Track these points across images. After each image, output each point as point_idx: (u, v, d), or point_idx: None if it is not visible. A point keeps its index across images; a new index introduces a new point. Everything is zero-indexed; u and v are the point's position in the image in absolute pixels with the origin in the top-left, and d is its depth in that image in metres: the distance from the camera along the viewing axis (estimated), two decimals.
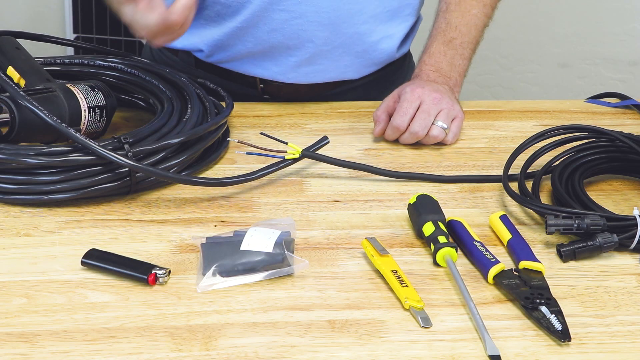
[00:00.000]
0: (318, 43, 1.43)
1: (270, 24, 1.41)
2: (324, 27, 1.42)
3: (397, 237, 1.14)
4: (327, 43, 1.43)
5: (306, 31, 1.41)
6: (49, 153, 1.14)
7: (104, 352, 0.92)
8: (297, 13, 1.40)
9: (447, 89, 1.42)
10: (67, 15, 2.84)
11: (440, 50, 1.47)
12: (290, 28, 1.41)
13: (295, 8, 1.40)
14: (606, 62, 2.93)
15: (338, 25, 1.42)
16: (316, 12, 1.41)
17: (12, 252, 1.08)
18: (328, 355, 0.93)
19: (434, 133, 1.35)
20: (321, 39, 1.43)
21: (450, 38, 1.48)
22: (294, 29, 1.41)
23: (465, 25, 1.49)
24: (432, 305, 1.00)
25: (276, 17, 1.40)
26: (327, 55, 1.45)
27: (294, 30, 1.41)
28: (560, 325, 0.96)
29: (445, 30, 1.49)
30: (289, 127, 1.41)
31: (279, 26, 1.41)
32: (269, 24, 1.41)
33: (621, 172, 1.29)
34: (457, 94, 1.46)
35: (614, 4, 2.86)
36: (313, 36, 1.42)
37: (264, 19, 1.40)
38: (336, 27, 1.42)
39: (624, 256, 1.11)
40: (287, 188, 1.24)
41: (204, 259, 1.05)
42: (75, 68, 1.40)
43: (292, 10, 1.40)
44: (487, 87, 2.97)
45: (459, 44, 1.48)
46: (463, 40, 1.48)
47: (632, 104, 1.52)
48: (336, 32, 1.43)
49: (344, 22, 1.43)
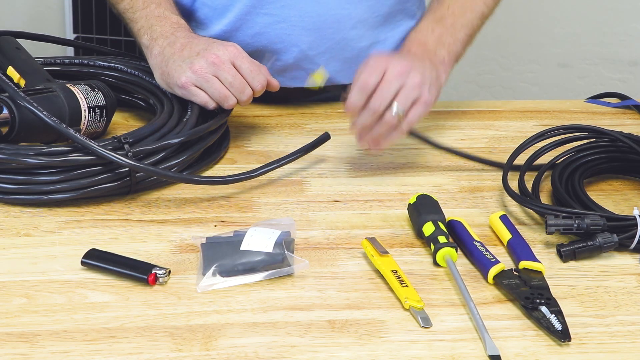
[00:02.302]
0: (303, 47, 1.42)
1: (253, 28, 1.41)
2: (309, 31, 1.41)
3: (397, 237, 1.14)
4: (313, 48, 1.43)
5: (290, 35, 1.41)
6: (49, 153, 1.14)
7: (104, 352, 0.92)
8: (280, 17, 1.40)
9: (428, 64, 1.27)
10: (67, 15, 2.84)
11: (428, 27, 1.36)
12: (274, 32, 1.41)
13: (279, 12, 1.40)
14: (606, 62, 2.93)
15: (323, 30, 1.42)
16: (300, 17, 1.40)
17: (12, 252, 1.08)
18: (328, 355, 0.93)
19: (385, 117, 1.20)
20: (306, 44, 1.42)
21: (440, 16, 1.37)
22: (278, 33, 1.41)
23: (460, 7, 1.39)
24: (432, 305, 1.00)
25: (259, 21, 1.41)
26: (314, 59, 1.44)
27: (277, 35, 1.41)
28: (560, 325, 0.96)
29: (437, 9, 1.40)
30: (289, 127, 1.41)
31: (262, 30, 1.41)
32: (252, 28, 1.41)
33: (621, 172, 1.29)
34: (445, 74, 1.31)
35: (614, 4, 2.86)
36: (298, 41, 1.42)
37: (248, 22, 1.41)
38: (321, 32, 1.42)
39: (624, 256, 1.11)
40: (287, 188, 1.24)
41: (204, 259, 1.05)
42: (75, 68, 1.40)
43: (275, 14, 1.40)
44: (487, 87, 2.97)
45: (450, 24, 1.37)
46: (455, 21, 1.38)
47: (632, 104, 1.52)
48: (321, 37, 1.42)
49: (330, 28, 1.42)
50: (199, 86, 1.26)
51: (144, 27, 1.32)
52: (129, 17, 1.35)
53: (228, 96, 1.26)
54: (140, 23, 1.33)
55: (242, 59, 1.26)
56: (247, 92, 1.26)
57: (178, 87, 1.26)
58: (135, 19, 1.34)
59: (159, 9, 1.34)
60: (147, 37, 1.31)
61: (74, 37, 2.85)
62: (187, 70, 1.25)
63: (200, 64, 1.25)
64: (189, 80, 1.25)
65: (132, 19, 1.34)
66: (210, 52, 1.25)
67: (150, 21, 1.32)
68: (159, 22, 1.32)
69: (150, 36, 1.31)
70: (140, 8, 1.34)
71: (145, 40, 1.31)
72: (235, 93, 1.26)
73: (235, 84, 1.25)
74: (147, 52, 1.31)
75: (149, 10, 1.33)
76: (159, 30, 1.31)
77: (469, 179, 1.28)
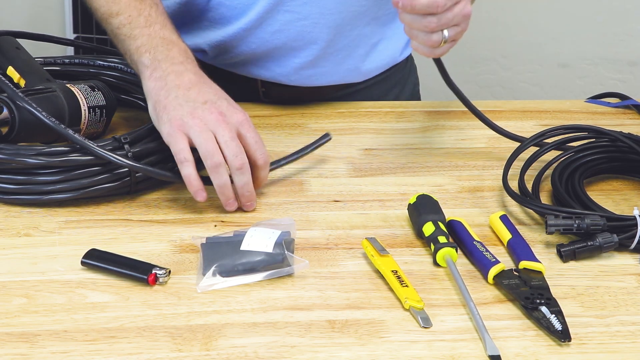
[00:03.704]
0: (322, 45, 1.42)
1: (274, 25, 1.40)
2: (329, 29, 1.41)
3: (397, 237, 1.14)
4: (331, 45, 1.43)
5: (310, 33, 1.41)
6: (49, 153, 1.14)
7: (104, 352, 0.92)
8: (301, 14, 1.40)
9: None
10: (67, 15, 2.84)
11: None
12: (295, 29, 1.41)
13: (300, 9, 1.39)
14: (606, 62, 2.93)
15: (342, 27, 1.42)
16: (321, 14, 1.40)
17: (12, 252, 1.08)
18: (328, 355, 0.93)
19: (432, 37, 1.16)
20: (325, 41, 1.42)
21: None
22: (298, 30, 1.41)
23: None
24: (432, 305, 1.00)
25: (280, 18, 1.40)
26: (330, 57, 1.44)
27: (297, 32, 1.41)
28: (560, 325, 0.96)
29: None
30: (289, 127, 1.41)
31: (282, 27, 1.40)
32: (272, 25, 1.40)
33: (621, 172, 1.29)
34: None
35: (614, 4, 2.86)
36: (317, 38, 1.42)
37: (268, 20, 1.40)
38: (340, 29, 1.42)
39: (624, 256, 1.11)
40: (287, 188, 1.24)
41: (204, 259, 1.05)
42: (75, 68, 1.40)
43: (296, 12, 1.40)
44: (487, 87, 2.97)
45: None
46: None
47: (632, 104, 1.52)
48: (339, 34, 1.43)
49: (348, 24, 1.42)
50: (189, 135, 1.13)
51: (145, 45, 1.22)
52: (125, 34, 1.24)
53: (216, 152, 1.12)
54: (141, 40, 1.22)
55: (248, 129, 1.16)
56: (242, 158, 1.13)
57: (167, 124, 1.14)
58: (135, 35, 1.23)
59: (164, 31, 1.24)
60: (150, 57, 1.20)
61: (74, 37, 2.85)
62: (187, 114, 1.14)
63: (203, 114, 1.14)
64: (182, 125, 1.14)
65: (130, 36, 1.24)
66: (219, 108, 1.16)
67: (155, 41, 1.22)
68: (166, 44, 1.22)
69: (153, 56, 1.20)
70: (142, 25, 1.24)
71: (146, 60, 1.20)
72: (227, 154, 1.13)
73: (231, 145, 1.13)
74: (146, 73, 1.20)
75: (153, 29, 1.24)
76: (165, 52, 1.21)
77: (469, 179, 1.28)
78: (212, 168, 1.13)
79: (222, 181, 1.14)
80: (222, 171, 1.13)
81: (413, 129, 1.43)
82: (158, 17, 1.26)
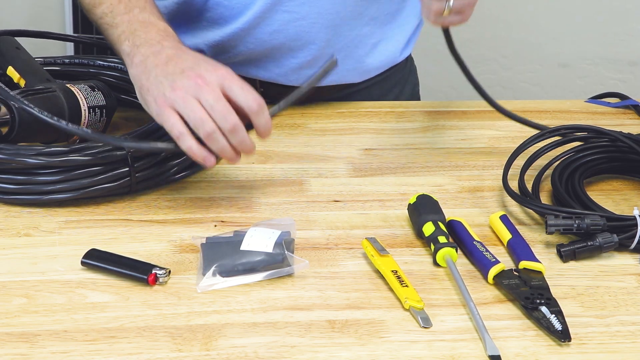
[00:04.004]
0: (320, 45, 1.42)
1: (272, 25, 1.40)
2: (327, 29, 1.41)
3: (397, 237, 1.14)
4: (329, 45, 1.43)
5: (308, 33, 1.41)
6: (49, 153, 1.14)
7: (104, 352, 0.92)
8: (299, 14, 1.40)
9: None
10: (67, 15, 2.84)
11: None
12: (293, 29, 1.41)
13: (298, 9, 1.39)
14: (606, 62, 2.93)
15: (340, 27, 1.42)
16: (319, 14, 1.40)
17: (12, 252, 1.08)
18: (328, 355, 0.93)
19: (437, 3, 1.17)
20: (323, 41, 1.42)
21: None
22: (296, 30, 1.41)
23: None
24: (432, 305, 1.00)
25: (278, 18, 1.40)
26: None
27: (295, 32, 1.41)
28: (560, 325, 0.96)
29: None
30: (289, 127, 1.41)
31: (280, 27, 1.40)
32: (271, 25, 1.40)
33: (621, 172, 1.29)
34: None
35: (614, 4, 2.86)
36: (315, 38, 1.42)
37: (266, 20, 1.40)
38: (338, 29, 1.42)
39: (624, 256, 1.11)
40: (287, 188, 1.24)
41: (204, 259, 1.05)
42: (75, 68, 1.40)
43: (295, 12, 1.39)
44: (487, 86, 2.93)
45: None
46: None
47: (632, 104, 1.52)
48: (338, 34, 1.42)
49: (346, 25, 1.42)
50: (176, 109, 1.11)
51: (125, 33, 1.20)
52: (107, 22, 1.23)
53: (205, 120, 1.09)
54: (122, 28, 1.21)
55: (231, 81, 1.12)
56: (231, 119, 1.09)
57: (154, 104, 1.12)
58: (116, 24, 1.22)
59: (143, 14, 1.22)
60: (129, 44, 1.19)
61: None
62: (168, 88, 1.11)
63: (182, 83, 1.11)
64: (166, 101, 1.11)
65: (112, 24, 1.22)
66: (197, 71, 1.12)
67: (134, 26, 1.20)
68: (144, 27, 1.20)
69: (132, 42, 1.18)
70: (122, 12, 1.22)
71: (127, 47, 1.19)
72: (216, 118, 1.09)
73: (217, 107, 1.09)
74: (128, 61, 1.18)
75: (132, 14, 1.21)
76: (143, 36, 1.19)
77: (469, 179, 1.28)
78: (206, 137, 1.10)
79: (220, 146, 1.11)
80: (217, 137, 1.10)
81: (413, 129, 1.43)
82: (138, 1, 1.24)
